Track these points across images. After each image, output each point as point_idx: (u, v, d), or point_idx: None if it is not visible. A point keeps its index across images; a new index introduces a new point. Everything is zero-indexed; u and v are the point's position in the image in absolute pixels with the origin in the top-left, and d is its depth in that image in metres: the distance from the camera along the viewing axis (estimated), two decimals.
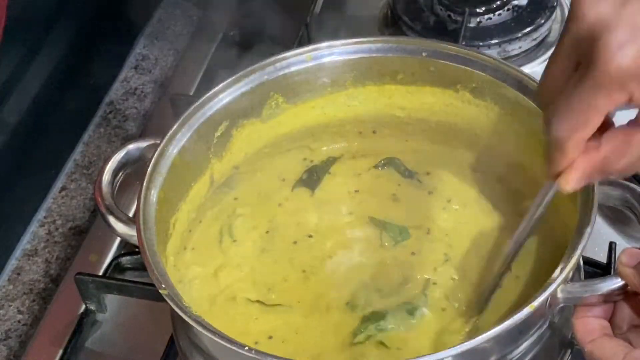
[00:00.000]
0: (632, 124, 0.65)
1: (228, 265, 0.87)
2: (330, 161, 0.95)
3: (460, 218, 0.88)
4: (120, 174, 0.87)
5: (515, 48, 1.14)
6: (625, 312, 0.74)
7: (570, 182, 0.66)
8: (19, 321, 1.00)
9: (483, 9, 1.16)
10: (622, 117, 0.67)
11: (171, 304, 0.73)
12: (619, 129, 0.65)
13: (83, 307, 0.96)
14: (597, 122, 0.63)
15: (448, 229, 0.88)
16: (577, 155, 0.65)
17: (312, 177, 0.94)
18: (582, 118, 0.62)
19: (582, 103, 0.61)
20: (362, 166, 0.94)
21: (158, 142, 0.85)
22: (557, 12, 1.19)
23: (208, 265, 0.87)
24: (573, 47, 0.62)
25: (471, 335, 0.76)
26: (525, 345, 0.75)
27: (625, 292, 0.73)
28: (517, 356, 0.75)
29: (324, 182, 0.93)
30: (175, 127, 0.86)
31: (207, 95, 0.88)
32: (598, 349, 0.72)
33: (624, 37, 0.59)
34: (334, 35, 0.94)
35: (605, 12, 0.60)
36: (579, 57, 0.62)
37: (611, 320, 0.75)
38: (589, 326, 0.74)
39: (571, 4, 0.63)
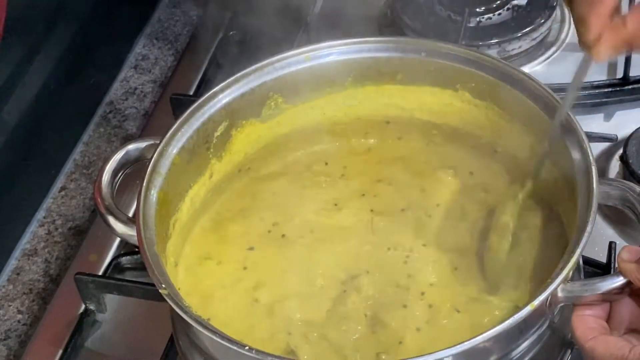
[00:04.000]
0: None
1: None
2: None
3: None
4: (119, 174, 0.86)
5: (515, 48, 1.14)
6: (623, 315, 0.75)
7: (601, 54, 0.73)
8: (18, 321, 1.00)
9: (483, 8, 1.16)
10: None
11: (171, 303, 0.73)
12: None
13: (83, 307, 0.96)
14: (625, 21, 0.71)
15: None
16: (602, 28, 0.72)
17: None
18: None
19: None
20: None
21: (157, 142, 0.85)
22: (557, 12, 1.18)
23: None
24: None
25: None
26: (525, 344, 0.75)
27: (630, 291, 0.73)
28: (517, 355, 0.75)
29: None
30: (174, 127, 0.86)
31: (207, 95, 0.88)
32: (601, 344, 0.72)
33: None
34: (334, 35, 0.94)
35: None
36: None
37: (608, 323, 0.75)
38: (589, 324, 0.74)
39: None
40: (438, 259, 0.85)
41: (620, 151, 1.01)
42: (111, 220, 0.83)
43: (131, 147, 0.88)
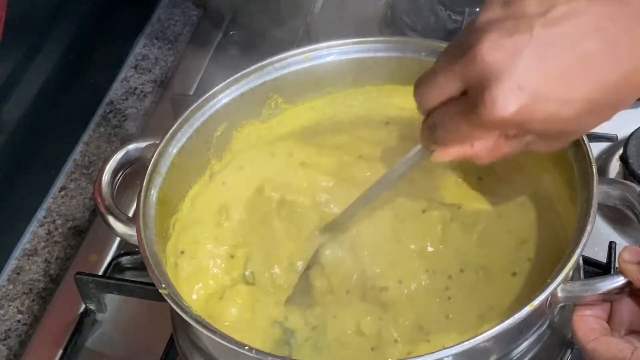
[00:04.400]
0: (504, 135, 0.71)
1: None
2: None
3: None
4: (119, 174, 0.87)
5: None
6: (624, 316, 0.75)
7: (439, 159, 0.74)
8: (18, 321, 1.00)
9: None
10: None
11: (171, 303, 0.73)
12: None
13: (83, 306, 0.97)
14: (473, 142, 0.71)
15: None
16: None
17: None
18: (461, 138, 0.71)
19: (463, 129, 0.69)
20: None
21: (157, 142, 0.85)
22: None
23: None
24: (463, 78, 0.67)
25: None
26: (525, 344, 0.75)
27: (630, 291, 0.73)
28: (517, 355, 0.75)
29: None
30: (175, 127, 0.86)
31: (207, 95, 0.88)
32: (602, 346, 0.72)
33: (510, 91, 0.64)
34: (334, 35, 0.94)
35: (499, 60, 0.64)
36: (467, 87, 0.67)
37: (608, 323, 0.75)
38: (590, 325, 0.74)
39: (470, 40, 0.66)
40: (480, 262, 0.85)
41: (620, 151, 1.01)
42: (111, 220, 0.83)
43: (131, 147, 0.88)
